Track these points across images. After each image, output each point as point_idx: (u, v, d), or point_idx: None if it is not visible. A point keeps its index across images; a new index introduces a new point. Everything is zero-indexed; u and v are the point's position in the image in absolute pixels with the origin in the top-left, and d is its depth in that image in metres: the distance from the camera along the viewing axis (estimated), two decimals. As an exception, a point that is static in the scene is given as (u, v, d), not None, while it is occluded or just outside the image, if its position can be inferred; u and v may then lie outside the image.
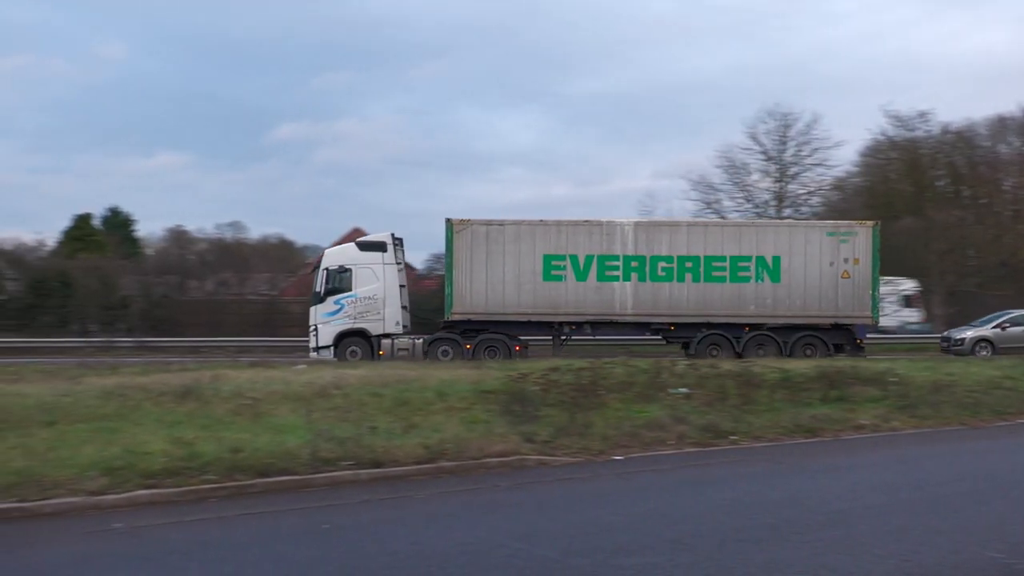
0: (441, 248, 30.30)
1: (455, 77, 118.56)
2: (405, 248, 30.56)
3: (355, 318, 28.30)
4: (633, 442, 13.35)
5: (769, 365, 20.06)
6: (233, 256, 54.00)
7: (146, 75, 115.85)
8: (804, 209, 47.72)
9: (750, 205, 48.15)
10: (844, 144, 58.41)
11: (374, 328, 28.29)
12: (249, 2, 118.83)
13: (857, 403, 16.51)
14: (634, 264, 27.93)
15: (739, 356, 26.09)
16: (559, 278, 27.97)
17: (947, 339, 31.95)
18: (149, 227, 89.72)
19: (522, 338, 28.62)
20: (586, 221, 29.00)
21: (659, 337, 29.16)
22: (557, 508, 9.94)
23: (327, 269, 28.88)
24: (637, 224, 28.64)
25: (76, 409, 14.75)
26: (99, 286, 43.51)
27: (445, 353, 27.77)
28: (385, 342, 28.00)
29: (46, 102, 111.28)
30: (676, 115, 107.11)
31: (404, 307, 29.31)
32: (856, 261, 27.55)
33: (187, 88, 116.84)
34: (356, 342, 28.24)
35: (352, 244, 30.18)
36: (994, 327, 31.12)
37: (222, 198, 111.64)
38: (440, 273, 35.52)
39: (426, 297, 38.27)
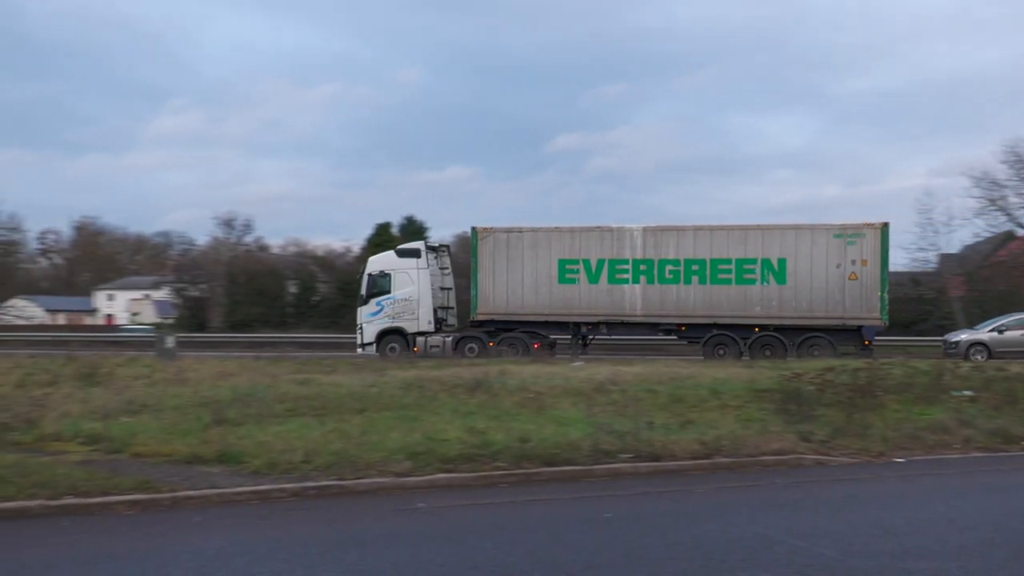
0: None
1: (723, 83, 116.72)
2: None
3: (393, 318, 29.84)
4: (915, 444, 12.61)
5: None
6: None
7: (438, 96, 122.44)
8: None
9: (1038, 201, 43.93)
10: None
11: (410, 327, 29.81)
12: (528, 24, 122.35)
13: None
14: (642, 267, 28.38)
15: (742, 356, 26.33)
16: (573, 281, 28.85)
17: (945, 342, 30.19)
18: (440, 234, 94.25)
19: (552, 337, 29.76)
20: (598, 227, 29.62)
21: (672, 337, 29.50)
22: (837, 508, 9.52)
23: (370, 274, 30.58)
24: (645, 229, 28.67)
25: (382, 398, 15.76)
26: (397, 288, 45.96)
27: (471, 350, 29.04)
28: (420, 339, 29.52)
29: (352, 124, 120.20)
30: (955, 110, 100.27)
31: (449, 307, 31.14)
32: (864, 263, 26.62)
33: (474, 106, 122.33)
34: (395, 339, 29.82)
35: (392, 252, 31.68)
36: (991, 331, 29.39)
37: (504, 205, 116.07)
38: None
39: None
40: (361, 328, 30.38)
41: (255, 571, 7.04)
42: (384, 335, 29.96)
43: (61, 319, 78.40)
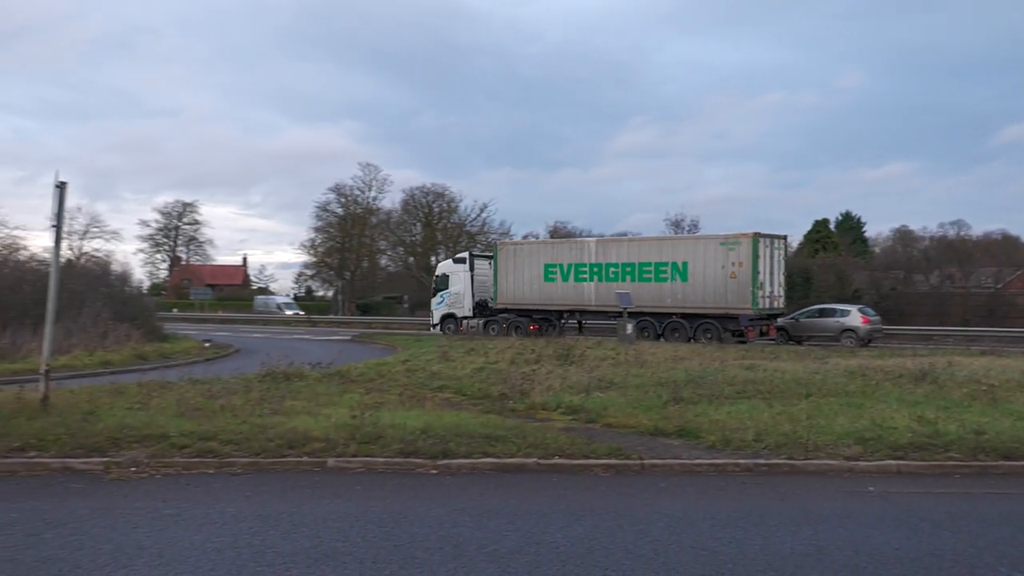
0: None
1: None
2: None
3: (450, 306, 38.45)
4: None
5: None
6: (956, 251, 50.59)
7: (878, 96, 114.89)
8: None
9: None
10: None
11: (459, 312, 38.18)
12: (975, 16, 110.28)
13: None
14: (596, 270, 34.29)
15: (660, 337, 31.20)
16: (553, 280, 35.45)
17: None
18: (877, 228, 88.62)
19: (561, 321, 36.03)
20: (567, 240, 42.14)
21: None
22: None
23: (437, 275, 39.82)
24: (598, 241, 36.14)
25: (826, 384, 15.12)
26: (835, 280, 44.05)
27: (493, 330, 35.86)
28: (465, 322, 37.46)
29: (793, 128, 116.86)
30: None
31: (486, 299, 37.85)
32: (740, 264, 30.20)
33: (915, 103, 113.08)
34: (451, 321, 38.16)
35: (450, 260, 40.87)
36: (790, 318, 32.60)
37: (946, 199, 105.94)
38: None
39: None
40: (432, 313, 39.44)
41: (719, 535, 7.07)
42: (445, 318, 38.43)
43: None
